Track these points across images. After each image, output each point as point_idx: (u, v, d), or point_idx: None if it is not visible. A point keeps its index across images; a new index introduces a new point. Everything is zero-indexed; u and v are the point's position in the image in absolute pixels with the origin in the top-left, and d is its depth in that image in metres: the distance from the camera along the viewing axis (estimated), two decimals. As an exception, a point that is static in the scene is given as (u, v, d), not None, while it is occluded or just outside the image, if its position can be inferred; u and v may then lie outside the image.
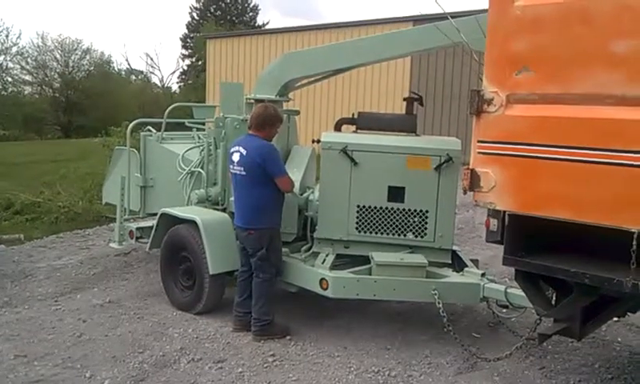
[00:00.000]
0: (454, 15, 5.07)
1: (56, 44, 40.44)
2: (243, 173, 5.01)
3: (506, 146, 3.47)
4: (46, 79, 40.14)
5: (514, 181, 3.46)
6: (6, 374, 4.42)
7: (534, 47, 3.38)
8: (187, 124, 7.17)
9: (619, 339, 5.25)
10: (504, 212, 3.64)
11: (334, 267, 5.17)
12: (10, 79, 37.70)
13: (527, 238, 3.59)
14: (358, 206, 5.33)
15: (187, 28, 47.19)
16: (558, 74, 3.30)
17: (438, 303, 4.80)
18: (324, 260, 5.24)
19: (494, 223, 3.74)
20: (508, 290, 4.73)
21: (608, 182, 3.09)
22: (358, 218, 5.35)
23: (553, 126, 3.30)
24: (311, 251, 5.53)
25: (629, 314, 4.44)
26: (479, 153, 3.59)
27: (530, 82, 3.39)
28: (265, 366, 4.62)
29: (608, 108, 3.11)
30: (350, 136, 5.54)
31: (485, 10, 3.73)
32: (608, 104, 3.11)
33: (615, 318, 4.91)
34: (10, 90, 37.46)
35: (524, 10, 3.40)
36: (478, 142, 3.59)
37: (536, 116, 3.37)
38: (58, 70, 40.58)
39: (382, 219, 5.32)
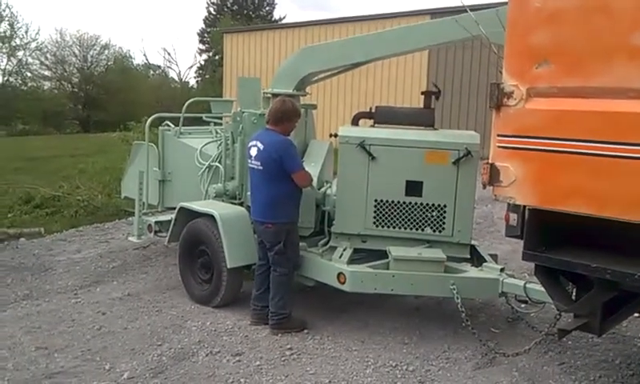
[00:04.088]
0: (473, 8, 5.03)
1: (74, 39, 40.82)
2: (260, 167, 5.02)
3: (526, 139, 3.44)
4: (65, 74, 40.49)
5: (534, 175, 3.43)
6: (27, 365, 4.48)
7: (554, 40, 3.35)
8: (205, 118, 7.20)
9: (640, 335, 5.20)
10: (524, 207, 3.62)
11: (351, 261, 5.16)
12: (29, 74, 38.11)
13: (547, 233, 3.56)
14: (376, 201, 5.32)
15: (204, 22, 47.25)
16: (579, 67, 3.26)
17: (457, 298, 4.78)
18: (341, 254, 5.23)
19: (513, 218, 3.72)
20: (527, 285, 4.70)
21: (630, 177, 3.05)
22: (375, 212, 5.33)
23: (573, 119, 3.27)
24: (329, 245, 5.53)
25: (650, 309, 4.39)
26: (499, 147, 3.56)
27: (551, 75, 3.35)
28: (282, 359, 4.63)
29: (629, 101, 3.07)
30: (367, 130, 5.52)
31: (505, 3, 3.70)
32: (629, 97, 3.07)
33: (636, 314, 4.85)
34: (30, 85, 37.83)
35: (544, 3, 3.37)
36: (498, 135, 3.57)
37: (556, 109, 3.33)
38: (76, 65, 40.94)
39: (400, 214, 5.30)
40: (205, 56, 47.51)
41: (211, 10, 46.76)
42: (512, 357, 4.59)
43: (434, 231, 5.29)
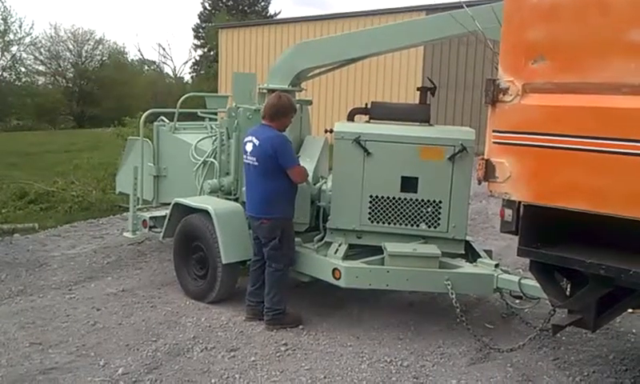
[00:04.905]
0: (469, 4, 5.03)
1: (69, 34, 40.70)
2: (256, 163, 5.01)
3: (522, 135, 3.44)
4: (59, 69, 40.35)
5: (529, 171, 3.43)
6: (22, 361, 4.46)
7: (550, 36, 3.34)
8: (200, 114, 7.18)
9: (634, 331, 5.21)
10: (519, 202, 3.62)
11: (346, 257, 5.16)
12: (23, 69, 37.93)
13: (542, 229, 3.57)
14: (371, 196, 5.32)
15: (199, 18, 47.26)
16: (575, 63, 3.26)
17: (451, 294, 4.79)
18: (337, 250, 5.23)
19: (508, 213, 3.72)
20: (522, 281, 4.71)
21: (625, 173, 3.06)
22: (370, 208, 5.33)
23: (569, 115, 3.26)
24: (324, 241, 5.52)
25: (644, 305, 4.41)
26: (494, 143, 3.56)
27: (547, 71, 3.35)
28: (277, 355, 4.63)
29: (625, 97, 3.07)
30: (362, 126, 5.52)
31: (500, -1, 3.70)
32: (625, 93, 3.07)
33: (630, 310, 4.87)
34: (24, 80, 37.65)
35: (540, -1, 3.37)
36: (493, 131, 3.57)
37: (552, 105, 3.33)
38: (71, 61, 40.81)
39: (395, 209, 5.30)
40: (200, 51, 47.58)
41: (206, 5, 46.76)
42: (506, 352, 4.59)
43: (429, 227, 5.29)
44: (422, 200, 5.26)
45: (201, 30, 46.49)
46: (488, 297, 5.72)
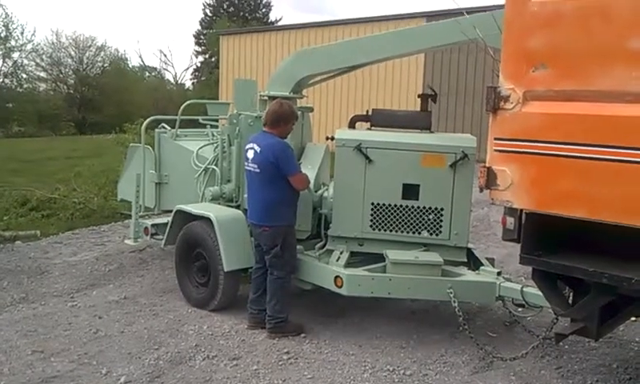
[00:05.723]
0: (469, 11, 5.04)
1: (70, 41, 40.72)
2: (257, 170, 5.01)
3: (523, 143, 3.44)
4: (61, 76, 40.37)
5: (531, 179, 3.43)
6: (24, 369, 4.45)
7: (551, 44, 3.35)
8: (201, 121, 7.19)
9: (637, 339, 5.19)
10: (521, 210, 3.61)
11: (348, 265, 5.15)
12: (24, 76, 37.91)
13: (544, 237, 3.56)
14: (373, 204, 5.32)
15: (200, 24, 47.39)
16: (576, 70, 3.27)
17: (454, 302, 4.78)
18: (338, 257, 5.22)
19: (510, 221, 3.71)
20: (524, 289, 4.70)
21: (627, 181, 3.06)
22: (372, 215, 5.33)
23: (570, 123, 3.27)
24: (325, 249, 5.51)
25: (647, 313, 4.40)
26: (496, 150, 3.56)
27: (548, 78, 3.36)
28: (280, 363, 4.62)
29: (626, 105, 3.07)
30: (364, 133, 5.52)
31: (501, 6, 3.70)
32: (626, 101, 3.08)
33: (633, 318, 4.86)
34: (25, 86, 37.67)
35: (541, 6, 3.37)
36: (495, 139, 3.57)
37: (553, 113, 3.34)
38: (72, 67, 40.84)
39: (397, 217, 5.30)
40: (201, 58, 47.66)
41: (207, 11, 46.87)
42: (509, 361, 4.58)
43: (431, 234, 5.29)
44: (424, 207, 5.26)
45: (202, 37, 46.60)
46: (490, 305, 5.70)
